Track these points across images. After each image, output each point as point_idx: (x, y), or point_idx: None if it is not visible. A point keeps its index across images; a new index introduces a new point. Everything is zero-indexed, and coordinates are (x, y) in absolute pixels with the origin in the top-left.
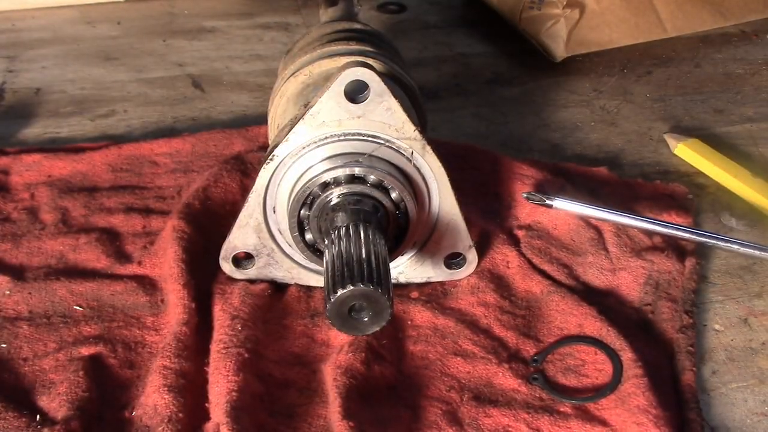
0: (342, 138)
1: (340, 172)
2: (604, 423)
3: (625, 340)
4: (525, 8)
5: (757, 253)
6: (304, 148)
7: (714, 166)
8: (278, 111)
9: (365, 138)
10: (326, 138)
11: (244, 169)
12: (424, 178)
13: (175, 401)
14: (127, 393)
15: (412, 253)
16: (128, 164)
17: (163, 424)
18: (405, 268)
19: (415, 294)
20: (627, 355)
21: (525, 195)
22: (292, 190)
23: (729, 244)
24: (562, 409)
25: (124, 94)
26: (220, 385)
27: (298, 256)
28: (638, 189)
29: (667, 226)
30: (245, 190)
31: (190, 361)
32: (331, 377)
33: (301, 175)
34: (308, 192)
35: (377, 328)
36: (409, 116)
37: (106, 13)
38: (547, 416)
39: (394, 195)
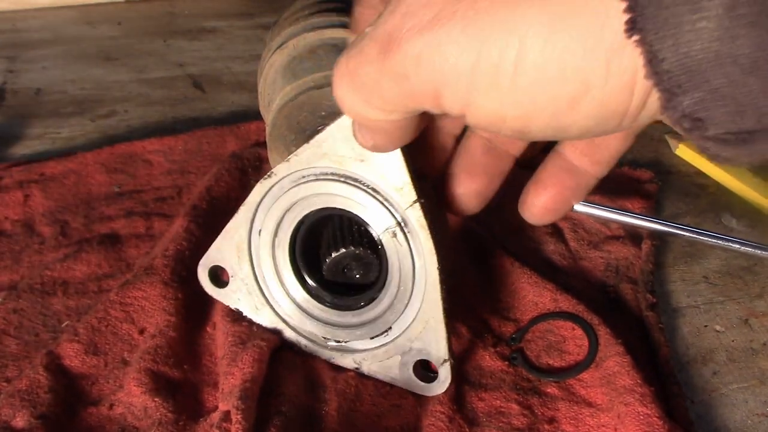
0: (340, 179)
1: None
2: (591, 404)
3: (598, 316)
4: None
5: (757, 252)
6: (303, 177)
7: (715, 167)
8: (267, 81)
9: (363, 188)
10: (325, 174)
11: (243, 167)
12: (412, 255)
13: (165, 403)
14: (97, 386)
15: (382, 341)
16: (121, 164)
17: (154, 426)
18: (369, 358)
19: None
20: (603, 330)
21: None
22: (283, 219)
23: (729, 244)
24: (549, 390)
25: (125, 94)
26: (235, 377)
27: (274, 291)
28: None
29: (668, 226)
30: (245, 189)
31: (177, 366)
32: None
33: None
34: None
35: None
36: (412, 179)
37: (107, 13)
38: (536, 398)
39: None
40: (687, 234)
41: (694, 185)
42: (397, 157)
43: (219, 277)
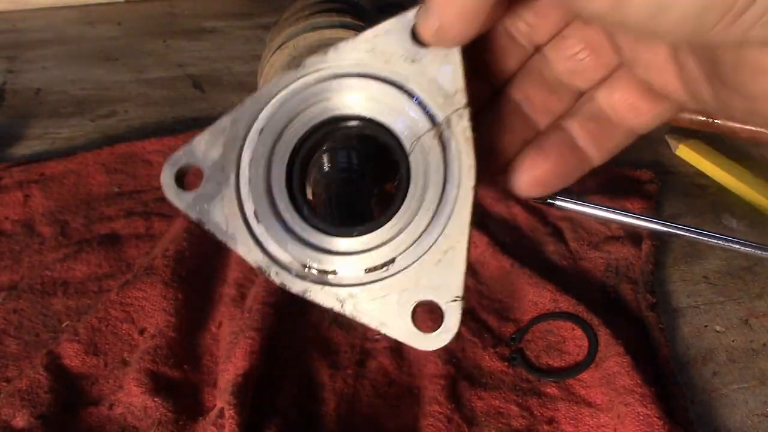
0: (379, 79)
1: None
2: (591, 404)
3: (598, 317)
4: None
5: (757, 252)
6: (335, 74)
7: (715, 167)
8: (267, 81)
9: (405, 91)
10: (362, 73)
11: None
12: (445, 172)
13: (165, 403)
14: (97, 386)
15: (381, 275)
16: (121, 164)
17: (154, 426)
18: (358, 295)
19: None
20: (603, 330)
21: None
22: (297, 117)
23: (729, 244)
24: (549, 391)
25: (125, 94)
26: (229, 372)
27: (250, 209)
28: (604, 174)
29: (668, 226)
30: None
31: (177, 366)
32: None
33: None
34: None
35: None
36: (466, 86)
37: (107, 13)
38: (535, 398)
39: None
40: (687, 234)
41: (694, 185)
42: (455, 58)
43: (183, 180)
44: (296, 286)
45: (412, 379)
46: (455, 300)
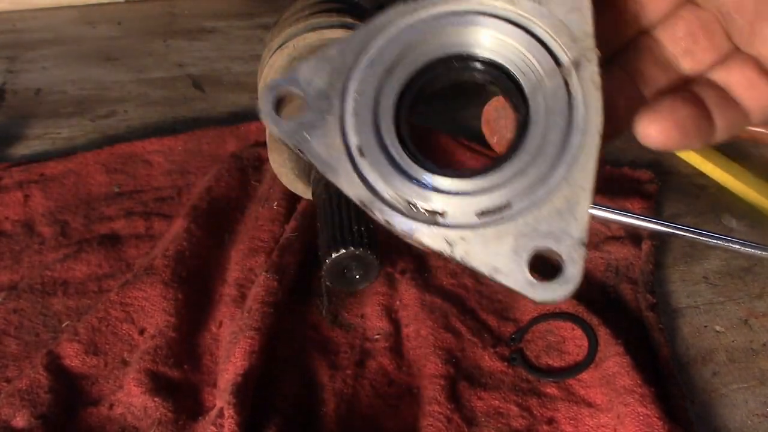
0: (502, 19)
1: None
2: (591, 404)
3: (597, 317)
4: None
5: (757, 252)
6: (453, 11)
7: (714, 167)
8: (267, 82)
9: (530, 32)
10: (483, 12)
11: (243, 167)
12: (570, 117)
13: (165, 403)
14: (97, 386)
15: (494, 218)
16: (121, 164)
17: (153, 426)
18: (471, 239)
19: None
20: (603, 330)
21: None
22: (411, 51)
23: (729, 244)
24: (548, 391)
25: (125, 94)
26: (228, 372)
27: (354, 142)
28: (604, 174)
29: (668, 226)
30: (245, 189)
31: (177, 366)
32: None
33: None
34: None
35: (368, 284)
36: (594, 29)
37: (107, 13)
38: (535, 398)
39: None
40: (687, 234)
41: (694, 185)
42: (584, 1)
43: (281, 107)
44: (402, 224)
45: (411, 379)
46: (577, 248)
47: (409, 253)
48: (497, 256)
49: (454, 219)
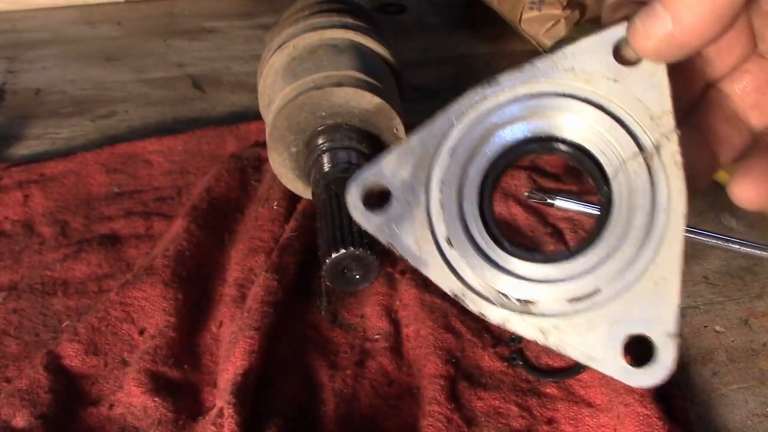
0: (579, 100)
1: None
2: (591, 404)
3: None
4: (525, 9)
5: (757, 252)
6: (529, 93)
7: None
8: (267, 81)
9: (607, 112)
10: (559, 93)
11: (242, 167)
12: (653, 198)
13: (164, 403)
14: (97, 386)
15: (586, 306)
16: (121, 164)
17: (153, 426)
18: (562, 327)
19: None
20: None
21: (526, 194)
22: (486, 139)
23: (729, 244)
24: (548, 391)
25: (125, 94)
26: (228, 372)
27: (441, 232)
28: None
29: None
30: (245, 189)
31: (177, 366)
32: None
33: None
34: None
35: (368, 284)
36: (673, 106)
37: (107, 13)
38: (535, 399)
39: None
40: (687, 234)
41: None
42: (662, 78)
43: (370, 200)
44: (494, 315)
45: (411, 379)
46: (670, 336)
47: None
48: (591, 344)
49: (545, 307)
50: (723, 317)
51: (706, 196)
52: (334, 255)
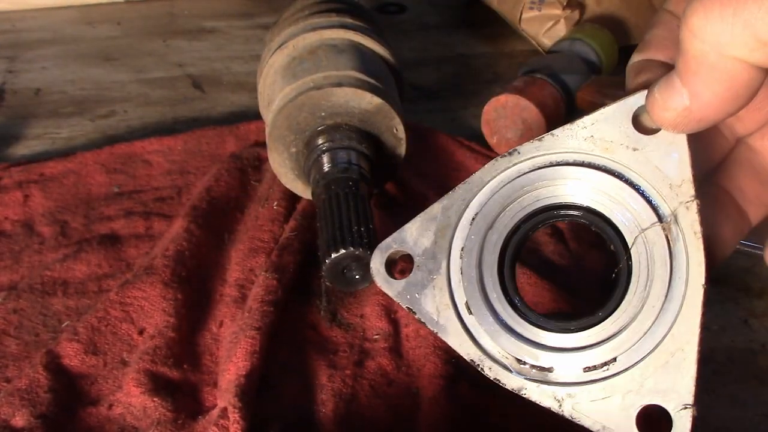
0: (598, 168)
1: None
2: None
3: None
4: (525, 9)
5: (757, 252)
6: (550, 162)
7: None
8: (267, 81)
9: (626, 181)
10: (579, 161)
11: (242, 167)
12: (672, 268)
13: (164, 403)
14: (96, 386)
15: (601, 375)
16: (121, 164)
17: (153, 426)
18: (578, 395)
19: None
20: None
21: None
22: (510, 204)
23: None
24: None
25: (124, 94)
26: (230, 372)
27: (461, 299)
28: None
29: None
30: (245, 189)
31: (176, 366)
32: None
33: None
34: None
35: (368, 284)
36: (693, 175)
37: (106, 13)
38: None
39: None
40: None
41: None
42: (681, 146)
43: (393, 267)
44: (512, 382)
45: (411, 379)
46: (685, 407)
47: None
48: (606, 413)
49: (561, 375)
50: (723, 317)
51: None
52: (333, 255)
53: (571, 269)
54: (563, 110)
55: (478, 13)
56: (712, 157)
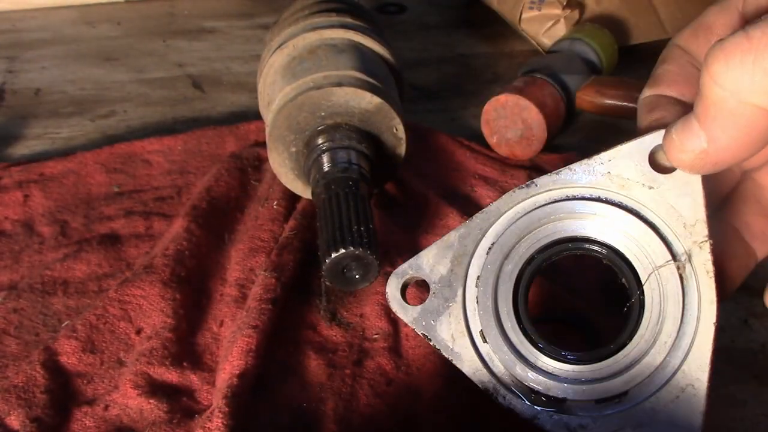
0: (614, 205)
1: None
2: None
3: (597, 316)
4: (525, 9)
5: None
6: (567, 196)
7: None
8: (267, 81)
9: (641, 218)
10: (595, 197)
11: (242, 167)
12: (684, 306)
13: (160, 404)
14: (92, 385)
15: (613, 409)
16: (121, 164)
17: (149, 427)
18: (590, 427)
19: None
20: (603, 330)
21: None
22: (526, 236)
23: None
24: None
25: (124, 94)
26: (225, 372)
27: (476, 327)
28: None
29: None
30: (245, 189)
31: (174, 367)
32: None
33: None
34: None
35: (368, 284)
36: (707, 215)
37: (106, 13)
38: None
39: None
40: None
41: None
42: (696, 187)
43: (406, 291)
44: (524, 411)
45: (410, 378)
46: None
47: (409, 252)
48: None
49: (574, 406)
50: (723, 317)
51: None
52: (333, 254)
53: (571, 269)
54: (563, 110)
55: (478, 13)
56: (719, 190)
